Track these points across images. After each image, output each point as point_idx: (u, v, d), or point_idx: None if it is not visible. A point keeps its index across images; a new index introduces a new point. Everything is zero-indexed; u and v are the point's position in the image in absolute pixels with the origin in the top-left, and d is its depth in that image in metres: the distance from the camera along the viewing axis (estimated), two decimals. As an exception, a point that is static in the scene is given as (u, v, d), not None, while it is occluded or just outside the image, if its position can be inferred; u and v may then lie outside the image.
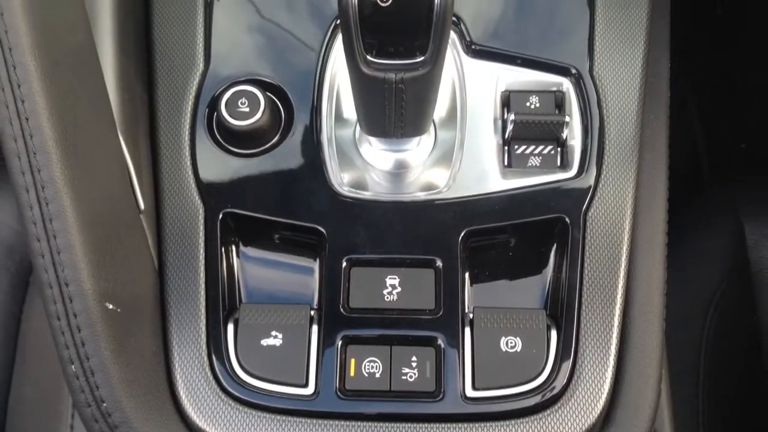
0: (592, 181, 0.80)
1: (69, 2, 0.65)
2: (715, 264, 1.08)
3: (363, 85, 0.67)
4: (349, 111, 0.84)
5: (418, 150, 0.82)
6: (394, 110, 0.69)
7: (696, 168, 1.63)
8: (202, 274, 0.78)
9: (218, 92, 0.82)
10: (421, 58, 0.63)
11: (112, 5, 0.76)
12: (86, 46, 0.67)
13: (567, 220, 0.79)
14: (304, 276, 0.80)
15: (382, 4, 0.60)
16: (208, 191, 0.81)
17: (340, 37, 0.79)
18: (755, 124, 1.58)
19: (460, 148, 0.83)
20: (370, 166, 0.83)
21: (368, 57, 0.63)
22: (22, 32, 0.58)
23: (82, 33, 0.66)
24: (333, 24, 0.84)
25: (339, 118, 0.84)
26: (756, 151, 1.56)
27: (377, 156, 0.82)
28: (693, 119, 1.65)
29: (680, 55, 1.48)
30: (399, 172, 0.82)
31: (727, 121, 1.64)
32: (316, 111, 0.84)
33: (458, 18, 0.83)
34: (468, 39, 0.84)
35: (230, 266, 0.80)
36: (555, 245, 0.80)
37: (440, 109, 0.84)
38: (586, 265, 0.77)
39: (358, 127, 0.83)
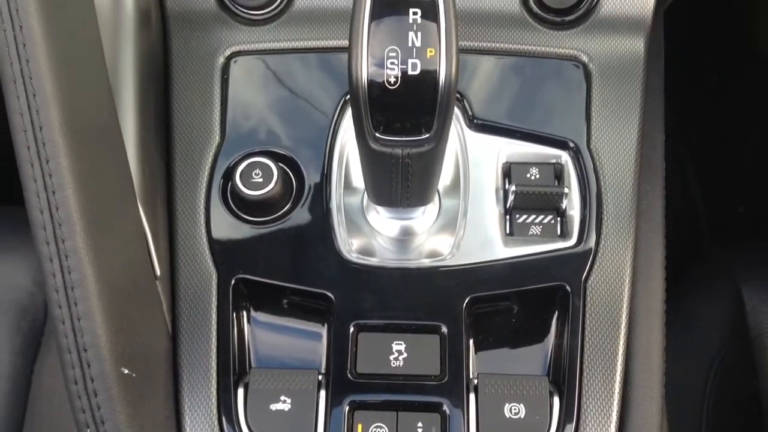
0: (591, 251, 0.83)
1: (96, 82, 0.69)
2: (714, 329, 1.10)
3: (371, 159, 0.71)
4: (358, 179, 0.88)
5: (423, 218, 0.85)
6: (401, 182, 0.72)
7: (696, 230, 1.66)
8: (214, 339, 0.80)
9: (233, 163, 0.86)
10: (427, 135, 0.67)
11: (135, 83, 0.81)
12: (111, 122, 0.71)
13: (567, 288, 0.81)
14: (312, 341, 0.82)
15: (390, 87, 0.64)
16: (222, 257, 0.84)
17: (349, 111, 0.84)
18: (753, 186, 1.62)
19: (463, 216, 0.86)
20: (376, 233, 0.86)
21: (376, 134, 0.67)
22: (52, 111, 0.62)
23: (107, 110, 0.71)
24: (343, 99, 0.88)
25: (348, 186, 0.88)
26: (755, 214, 1.59)
27: (384, 223, 0.86)
28: (691, 181, 1.69)
29: (676, 117, 1.53)
30: (405, 238, 0.86)
31: (725, 183, 1.67)
32: (326, 179, 0.87)
33: (461, 95, 0.88)
34: (470, 114, 0.88)
35: (241, 331, 0.82)
36: (557, 312, 0.83)
37: (444, 178, 0.87)
38: (586, 332, 0.80)
39: (365, 195, 0.87)
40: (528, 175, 0.86)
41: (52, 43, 0.61)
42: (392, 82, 0.64)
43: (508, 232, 0.85)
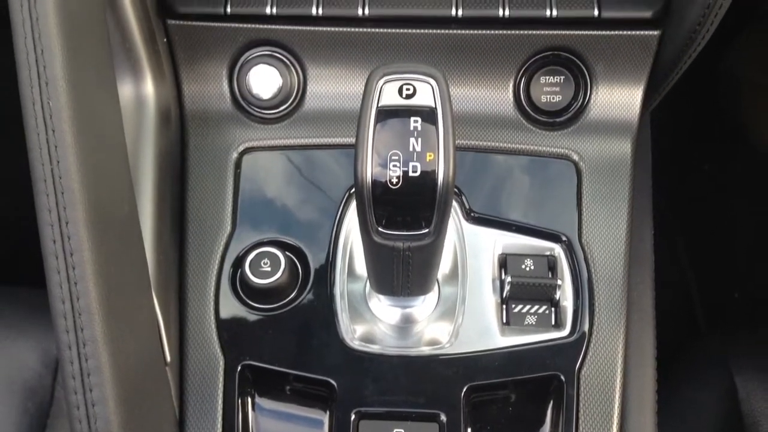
0: (584, 341, 0.86)
1: (119, 179, 0.74)
2: (707, 417, 1.11)
3: (374, 251, 0.75)
4: (361, 266, 0.92)
5: (423, 306, 0.89)
6: (402, 273, 0.76)
7: (691, 315, 1.68)
8: (219, 426, 0.83)
9: (243, 252, 0.91)
10: (426, 230, 0.72)
11: (154, 177, 0.86)
12: (131, 216, 0.76)
13: (562, 377, 0.84)
14: (314, 428, 0.85)
15: (393, 187, 0.69)
16: (229, 343, 0.87)
17: (353, 202, 0.89)
18: (747, 272, 1.65)
19: (462, 304, 0.90)
20: (378, 320, 0.89)
21: (379, 228, 0.72)
22: (78, 209, 0.66)
23: (128, 205, 0.75)
24: (347, 192, 0.93)
25: (351, 272, 0.92)
26: (750, 299, 1.62)
27: (385, 310, 0.89)
28: (686, 267, 1.73)
29: (670, 204, 1.58)
30: (405, 326, 0.89)
31: (720, 269, 1.71)
32: (330, 267, 0.91)
33: (459, 189, 0.93)
34: (468, 207, 0.93)
35: (245, 417, 0.85)
36: (552, 401, 0.85)
37: (444, 267, 0.91)
38: (580, 421, 0.82)
39: (368, 283, 0.91)
40: (523, 266, 0.90)
41: (81, 146, 0.66)
42: (394, 183, 0.69)
43: (504, 321, 0.88)
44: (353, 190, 0.79)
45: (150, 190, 0.86)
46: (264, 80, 0.95)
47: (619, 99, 0.93)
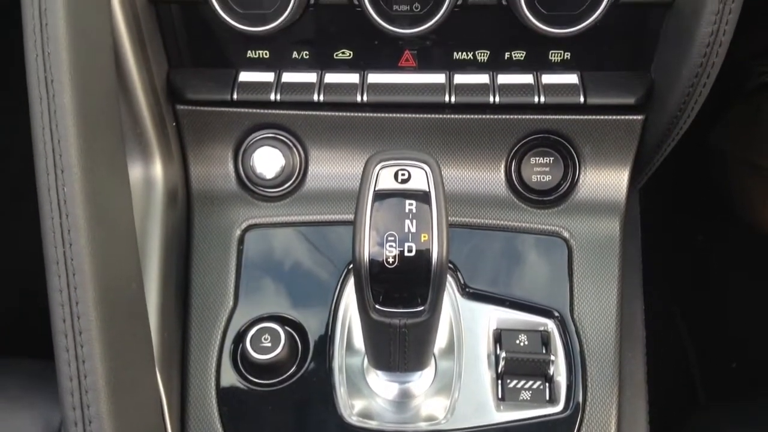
0: (577, 416, 0.88)
1: (127, 258, 0.78)
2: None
3: (371, 327, 0.77)
4: (359, 340, 0.94)
5: (420, 381, 0.91)
6: (399, 350, 0.78)
7: (690, 385, 1.68)
8: None
9: (244, 328, 0.93)
10: (422, 308, 0.74)
11: (160, 256, 0.90)
12: (138, 295, 0.79)
13: None
14: None
15: (389, 266, 0.73)
16: (229, 420, 0.89)
17: (352, 278, 0.92)
18: (744, 342, 1.66)
19: (458, 379, 0.91)
20: (376, 395, 0.91)
21: (376, 305, 0.74)
22: (88, 289, 0.69)
23: (135, 283, 0.78)
24: (346, 269, 0.96)
25: (350, 347, 0.94)
26: (747, 369, 1.62)
27: (383, 385, 0.91)
28: (683, 337, 1.74)
29: (666, 275, 1.60)
30: (403, 401, 0.90)
31: (717, 339, 1.72)
32: (329, 341, 0.94)
33: (454, 265, 0.96)
34: (462, 282, 0.96)
35: None
36: None
37: (440, 342, 0.94)
38: None
39: (366, 358, 0.92)
40: (517, 342, 0.92)
41: (92, 230, 0.70)
42: (391, 262, 0.72)
43: (500, 396, 0.90)
44: (352, 265, 0.82)
45: (156, 267, 0.89)
46: (267, 161, 0.99)
47: (607, 180, 0.98)
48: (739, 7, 0.80)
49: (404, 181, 0.74)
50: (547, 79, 0.93)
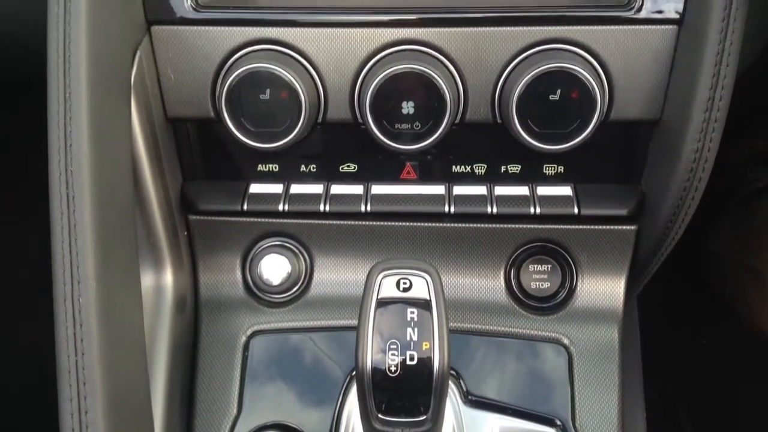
0: None
1: (136, 368, 0.79)
2: None
3: (373, 436, 0.78)
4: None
5: None
6: (401, 460, 0.78)
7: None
8: None
9: None
10: (424, 417, 0.75)
11: (167, 362, 0.91)
12: (145, 401, 0.80)
13: None
14: None
15: (391, 375, 0.74)
16: None
17: (355, 386, 0.93)
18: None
19: None
20: None
21: (378, 414, 0.75)
22: (98, 398, 0.71)
23: (143, 391, 0.80)
24: (349, 376, 0.98)
25: None
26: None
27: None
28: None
29: (672, 376, 1.59)
30: None
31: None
32: None
33: (456, 372, 0.97)
34: (465, 389, 0.97)
35: None
36: None
37: None
38: None
39: None
40: None
41: (104, 339, 0.72)
42: (393, 371, 0.74)
43: None
44: (354, 372, 0.83)
45: (163, 374, 0.90)
46: (274, 267, 1.03)
47: (604, 287, 1.00)
48: (722, 125, 0.85)
49: (406, 290, 0.77)
50: (542, 191, 0.97)
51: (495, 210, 0.97)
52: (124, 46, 0.83)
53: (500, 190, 0.98)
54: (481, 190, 0.98)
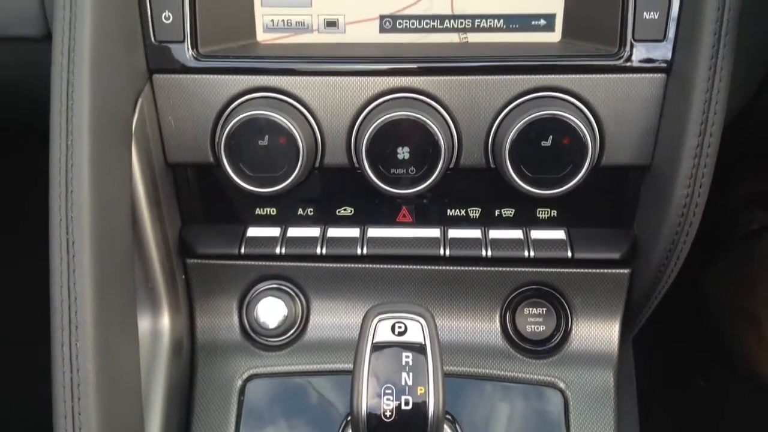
0: None
1: (132, 413, 0.80)
2: None
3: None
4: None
5: None
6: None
7: None
8: None
9: None
10: (422, 461, 0.75)
11: (162, 406, 0.91)
12: None
13: None
14: None
15: (386, 420, 0.74)
16: None
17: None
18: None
19: None
20: None
21: None
22: None
23: (137, 436, 0.80)
24: (345, 420, 0.97)
25: None
26: None
27: None
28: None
29: (670, 419, 1.58)
30: None
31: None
32: None
33: (452, 416, 0.97)
34: None
35: None
36: None
37: None
38: None
39: None
40: None
41: (101, 384, 0.73)
42: (388, 416, 0.74)
43: None
44: (350, 417, 0.83)
45: (159, 418, 0.90)
46: (271, 311, 1.03)
47: (598, 331, 1.01)
48: (711, 171, 0.87)
49: (401, 334, 0.78)
50: (536, 234, 0.98)
51: (490, 253, 0.98)
52: (127, 95, 0.85)
53: (495, 234, 0.99)
54: (475, 233, 0.99)
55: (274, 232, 1.01)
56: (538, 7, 0.93)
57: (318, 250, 0.99)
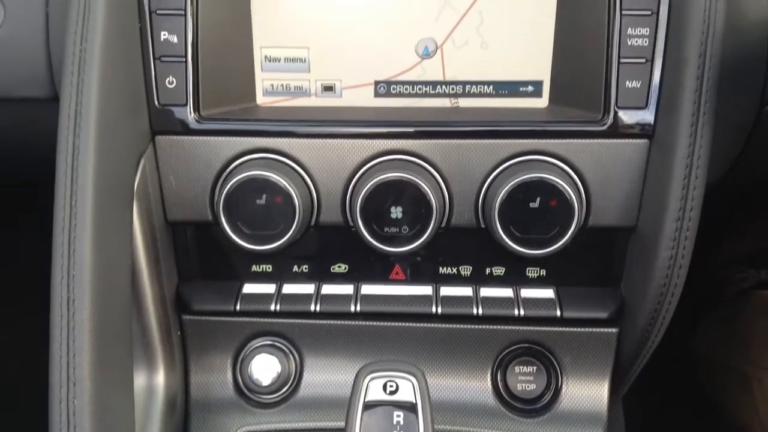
0: None
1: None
2: None
3: None
4: None
5: None
6: None
7: None
8: None
9: None
10: None
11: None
12: None
13: None
14: None
15: None
16: None
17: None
18: None
19: None
20: None
21: None
22: None
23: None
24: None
25: None
26: None
27: None
28: None
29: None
30: None
31: None
32: None
33: None
34: None
35: None
36: None
37: None
38: None
39: None
40: None
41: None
42: None
43: None
44: None
45: None
46: (264, 368, 1.04)
47: (588, 390, 1.02)
48: (694, 234, 0.90)
49: (392, 393, 0.79)
50: (526, 293, 1.00)
51: (481, 311, 1.00)
52: (130, 156, 0.88)
53: (485, 292, 1.01)
54: (467, 291, 1.01)
55: (269, 288, 1.03)
56: (526, 74, 0.97)
57: (312, 308, 1.01)
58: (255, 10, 0.95)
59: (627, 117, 0.91)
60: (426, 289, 1.02)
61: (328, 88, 0.99)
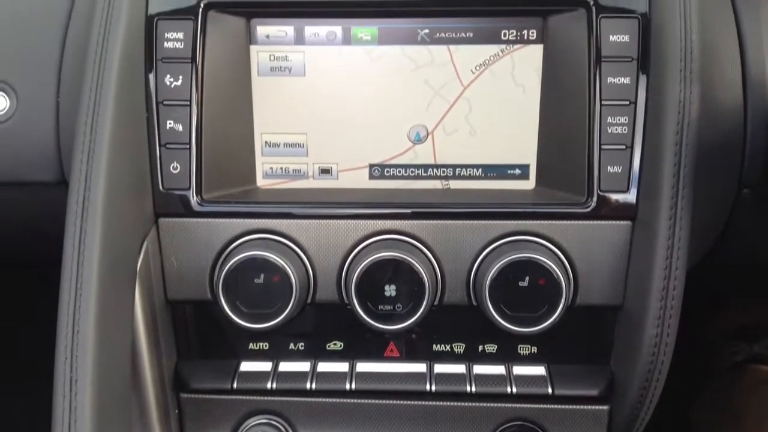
0: None
1: None
2: None
3: None
4: None
5: None
6: None
7: None
8: None
9: None
10: None
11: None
12: None
13: None
14: None
15: None
16: None
17: None
18: None
19: None
20: None
21: None
22: None
23: None
24: None
25: None
26: None
27: None
28: None
29: None
30: None
31: None
32: None
33: None
34: None
35: None
36: None
37: None
38: None
39: None
40: None
41: None
42: None
43: None
44: None
45: None
46: (260, 446, 1.05)
47: (581, 468, 1.02)
48: (678, 312, 0.92)
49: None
50: (518, 370, 1.02)
51: (474, 389, 1.01)
52: (134, 238, 0.91)
53: (478, 369, 1.03)
54: (460, 368, 1.03)
55: (266, 366, 1.04)
56: (513, 158, 1.02)
57: (308, 386, 1.02)
58: (256, 101, 1.01)
59: (610, 200, 0.95)
60: (420, 367, 1.04)
61: (325, 171, 1.03)
